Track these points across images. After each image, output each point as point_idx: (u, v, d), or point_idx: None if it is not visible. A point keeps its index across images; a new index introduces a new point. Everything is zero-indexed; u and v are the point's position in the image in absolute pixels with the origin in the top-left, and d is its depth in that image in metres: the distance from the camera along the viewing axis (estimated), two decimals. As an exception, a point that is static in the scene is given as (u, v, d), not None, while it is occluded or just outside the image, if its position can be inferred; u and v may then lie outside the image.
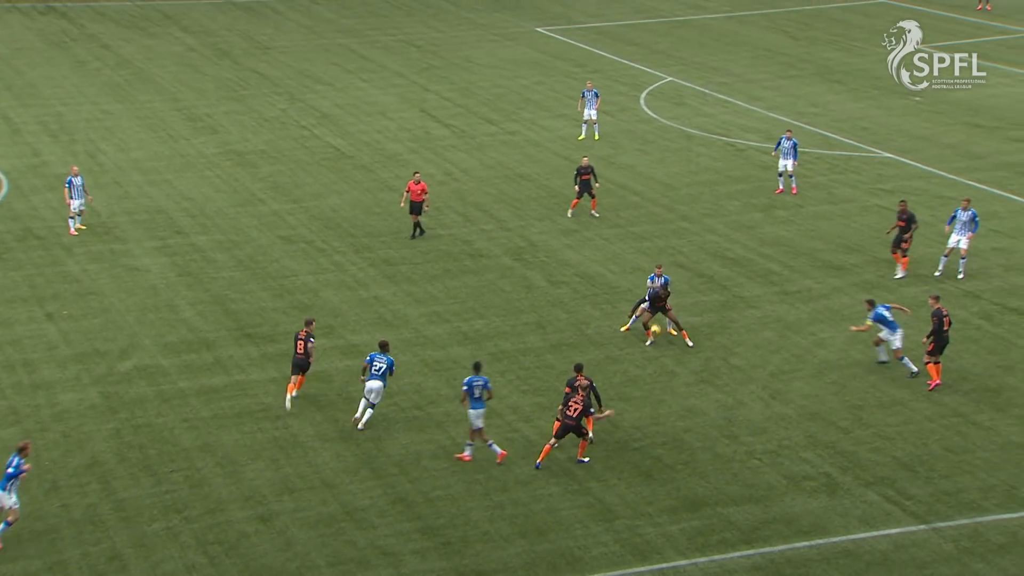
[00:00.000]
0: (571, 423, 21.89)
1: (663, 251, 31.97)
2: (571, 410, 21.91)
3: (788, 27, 58.46)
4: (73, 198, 32.90)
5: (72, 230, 32.97)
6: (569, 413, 21.93)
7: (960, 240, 29.35)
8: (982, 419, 23.44)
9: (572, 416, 21.86)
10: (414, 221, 32.86)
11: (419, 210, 32.69)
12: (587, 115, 41.31)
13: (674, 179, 37.61)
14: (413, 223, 32.91)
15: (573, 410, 21.89)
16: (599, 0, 66.75)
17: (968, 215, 29.26)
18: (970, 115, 42.81)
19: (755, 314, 28.21)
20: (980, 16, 58.46)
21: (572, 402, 21.93)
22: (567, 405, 22.02)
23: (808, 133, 41.34)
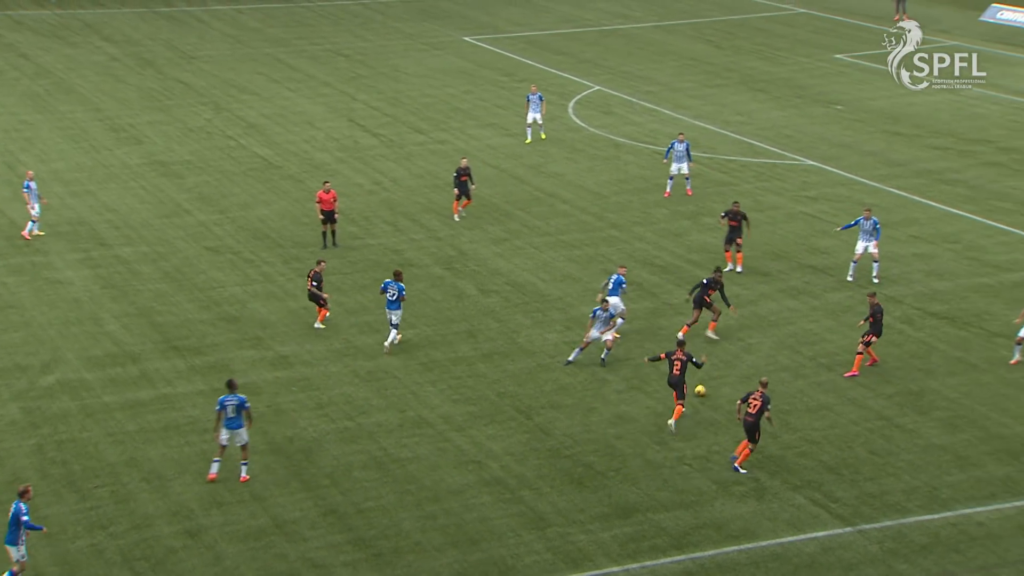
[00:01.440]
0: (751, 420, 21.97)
1: (593, 259, 32.16)
2: (752, 407, 22.02)
3: (713, 37, 59.21)
4: (31, 203, 32.61)
5: (26, 233, 32.62)
6: (750, 411, 22.01)
7: (867, 246, 29.99)
8: (905, 422, 23.89)
9: (752, 414, 21.98)
10: (326, 231, 32.72)
11: (332, 218, 32.60)
12: (531, 118, 41.70)
13: (603, 187, 37.87)
14: (324, 232, 32.75)
15: (753, 407, 22.00)
16: (526, 9, 67.05)
17: (871, 224, 29.96)
18: (890, 123, 43.67)
19: (684, 321, 28.46)
20: (897, 27, 59.66)
21: (752, 399, 22.09)
22: (747, 402, 22.11)
23: (734, 141, 41.88)
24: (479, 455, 23.19)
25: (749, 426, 22.13)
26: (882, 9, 62.52)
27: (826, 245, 32.54)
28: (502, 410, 24.82)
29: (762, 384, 22.44)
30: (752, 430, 22.13)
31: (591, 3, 68.85)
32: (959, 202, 35.46)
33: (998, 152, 40.02)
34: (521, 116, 46.07)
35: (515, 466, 22.81)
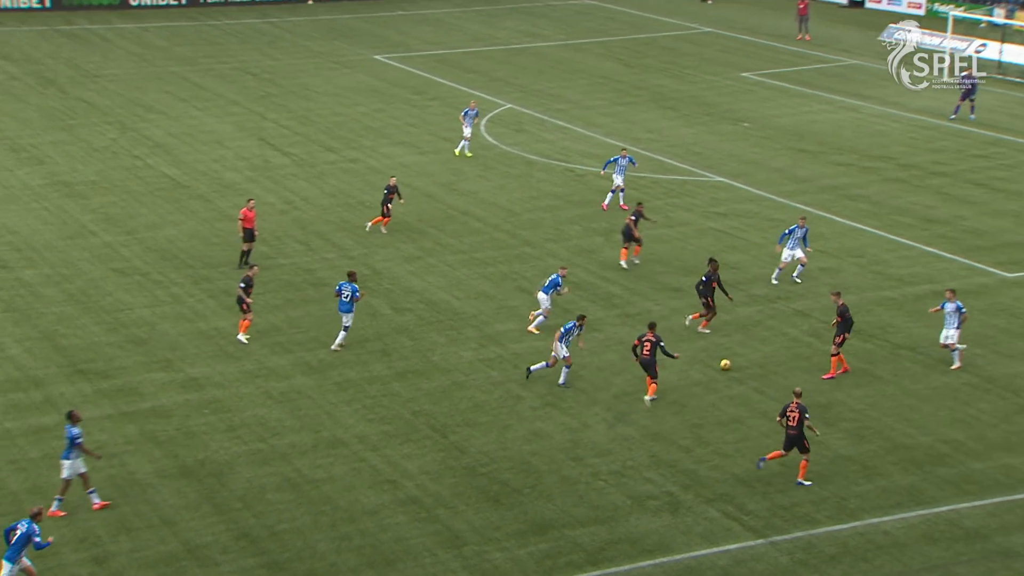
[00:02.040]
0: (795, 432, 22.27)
1: (506, 277, 32.24)
2: (792, 420, 22.30)
3: (622, 55, 59.90)
4: None
5: None
6: (791, 424, 22.30)
7: (794, 253, 31.11)
8: (813, 434, 24.30)
9: (794, 426, 22.27)
10: (248, 249, 32.43)
11: (252, 237, 32.40)
12: (466, 132, 42.34)
13: (516, 205, 38.02)
14: (246, 251, 32.47)
15: (793, 419, 22.29)
16: (437, 28, 67.17)
17: (803, 232, 31.15)
18: (795, 140, 44.56)
19: (598, 337, 28.68)
20: (800, 46, 61.06)
21: (789, 411, 22.35)
22: (785, 416, 22.38)
23: (644, 158, 42.35)
24: (394, 474, 23.06)
25: (794, 439, 22.39)
26: (786, 28, 63.88)
27: (736, 260, 33.05)
28: (417, 429, 24.73)
29: (796, 395, 22.69)
30: (799, 441, 22.37)
31: (501, 22, 69.24)
32: (862, 217, 36.28)
33: (899, 168, 41.07)
34: (433, 134, 46.10)
35: (431, 485, 22.73)
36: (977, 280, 31.16)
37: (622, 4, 74.00)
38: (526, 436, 24.42)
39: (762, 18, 68.21)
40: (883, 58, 57.71)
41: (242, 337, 28.13)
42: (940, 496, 22.09)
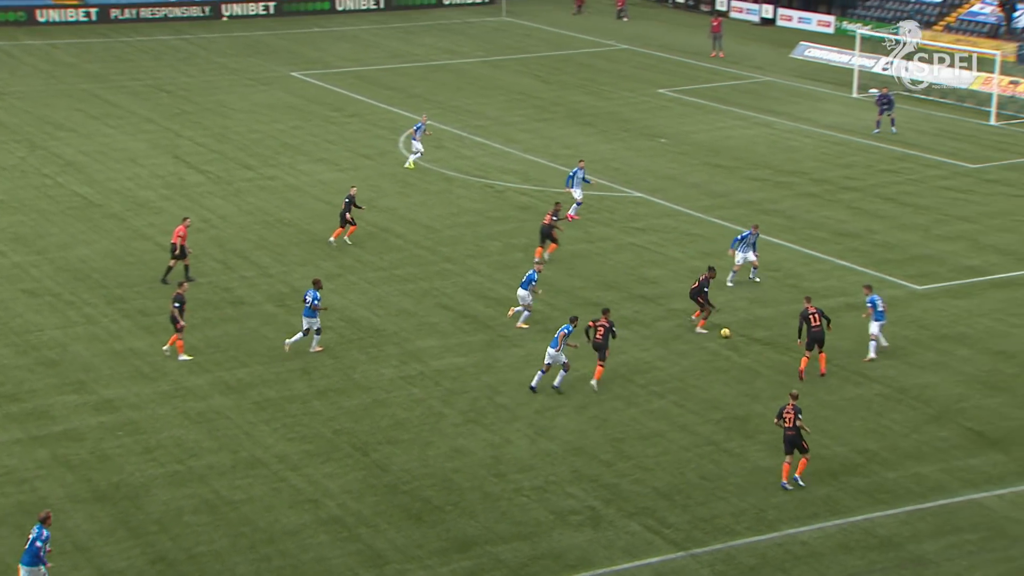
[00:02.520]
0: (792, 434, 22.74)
1: (427, 293, 32.17)
2: (788, 422, 22.76)
3: (539, 72, 60.26)
4: None
5: None
6: (787, 426, 22.77)
7: (747, 256, 32.35)
8: (732, 446, 24.60)
9: (791, 427, 22.75)
10: (172, 265, 32.10)
11: (183, 254, 32.14)
12: (415, 146, 42.71)
13: (436, 221, 37.98)
14: (172, 267, 32.11)
15: (789, 420, 22.75)
16: (354, 45, 66.96)
17: (754, 238, 32.48)
18: (711, 156, 45.16)
19: (519, 352, 28.73)
20: (714, 62, 61.99)
21: (785, 413, 22.81)
22: (782, 418, 22.87)
23: (563, 174, 42.59)
24: (315, 494, 22.83)
25: (792, 439, 22.89)
26: (700, 46, 64.80)
27: (655, 275, 33.36)
28: (338, 447, 24.52)
29: (792, 397, 23.27)
30: (797, 442, 22.85)
31: (419, 39, 69.25)
32: (778, 231, 36.87)
33: (812, 183, 41.82)
34: (352, 151, 45.92)
35: (352, 503, 22.54)
36: (888, 292, 31.82)
37: (539, 21, 74.48)
38: (448, 453, 24.35)
39: (677, 35, 69.13)
40: (795, 75, 58.83)
41: (183, 357, 27.72)
42: (855, 506, 22.47)
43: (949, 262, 34.10)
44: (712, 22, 64.53)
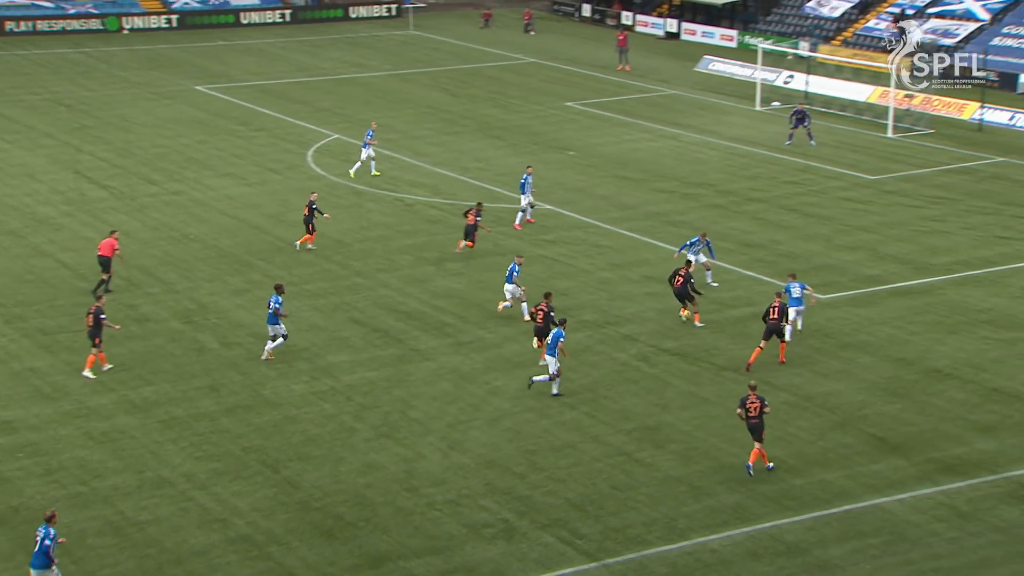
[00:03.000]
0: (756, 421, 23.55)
1: (338, 308, 31.94)
2: (752, 410, 23.54)
3: (448, 85, 60.32)
4: None
5: None
6: (751, 414, 23.53)
7: (697, 259, 33.09)
8: (643, 456, 24.83)
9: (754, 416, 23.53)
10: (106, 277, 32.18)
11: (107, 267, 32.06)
12: (364, 154, 43.06)
13: (346, 235, 37.74)
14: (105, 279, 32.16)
15: (754, 409, 23.52)
16: (260, 59, 66.36)
17: (702, 244, 33.27)
18: (619, 168, 45.60)
19: (431, 366, 28.67)
20: (620, 76, 62.69)
21: (749, 403, 23.57)
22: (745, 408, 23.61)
23: (473, 187, 42.67)
24: (224, 512, 22.48)
25: (755, 427, 23.69)
26: (606, 59, 65.49)
27: (565, 286, 33.54)
28: (248, 465, 24.18)
29: (751, 387, 24.05)
30: (759, 430, 23.64)
31: (326, 52, 68.89)
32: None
33: (718, 195, 42.46)
34: (259, 165, 45.47)
35: (262, 522, 22.24)
36: (793, 301, 32.40)
37: (446, 35, 74.62)
38: (360, 468, 24.17)
39: (584, 49, 69.76)
40: (700, 88, 59.76)
41: (88, 373, 27.38)
42: (763, 513, 22.82)
43: (851, 271, 34.87)
44: (618, 36, 65.27)
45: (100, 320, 27.41)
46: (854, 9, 67.17)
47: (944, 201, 41.40)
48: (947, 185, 43.35)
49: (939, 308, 32.01)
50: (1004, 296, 32.77)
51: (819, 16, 68.08)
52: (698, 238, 33.49)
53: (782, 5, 70.93)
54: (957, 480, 23.72)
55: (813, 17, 68.14)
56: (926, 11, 64.10)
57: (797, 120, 48.22)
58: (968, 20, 62.40)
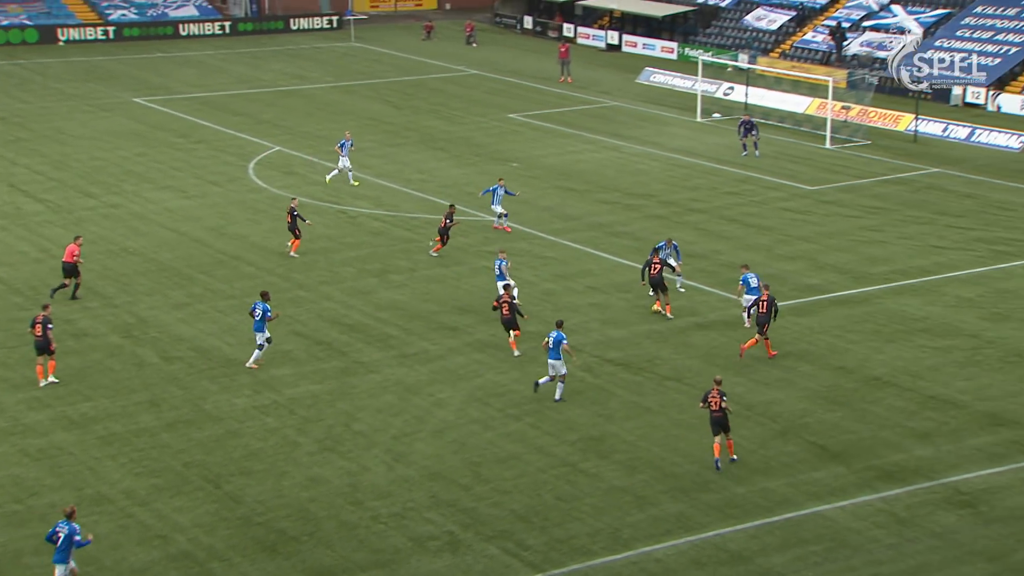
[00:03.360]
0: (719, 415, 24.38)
1: (280, 320, 31.71)
2: (714, 405, 24.39)
3: (391, 97, 60.23)
4: None
5: None
6: (713, 409, 24.38)
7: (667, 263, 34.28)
8: (588, 467, 24.90)
9: (716, 410, 24.37)
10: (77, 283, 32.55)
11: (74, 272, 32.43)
12: (341, 164, 43.12)
13: (288, 248, 37.48)
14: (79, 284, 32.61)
15: (715, 404, 24.36)
16: (200, 70, 65.84)
17: (672, 248, 34.05)
18: (562, 179, 45.77)
19: (375, 379, 28.56)
20: (563, 88, 63.01)
21: (711, 397, 24.41)
22: (707, 402, 24.46)
23: (416, 199, 42.61)
24: (165, 529, 22.20)
25: (719, 421, 24.48)
26: (549, 71, 65.78)
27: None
28: (189, 480, 23.91)
29: (716, 382, 24.78)
30: (723, 423, 24.43)
31: (267, 64, 68.51)
32: (628, 253, 37.58)
33: (660, 205, 42.78)
34: (200, 178, 45.10)
35: (204, 538, 21.99)
36: (734, 312, 32.73)
37: (388, 47, 74.54)
38: (303, 482, 23.99)
39: (526, 61, 70.01)
40: (641, 99, 60.21)
41: (51, 378, 27.30)
42: (707, 522, 22.97)
43: (791, 281, 35.27)
44: (560, 48, 65.60)
45: (48, 330, 27.27)
46: (791, 22, 68.07)
47: (881, 211, 42.05)
48: (884, 195, 44.04)
49: (877, 317, 32.48)
50: (939, 305, 33.33)
51: (757, 29, 68.92)
52: (664, 243, 34.01)
53: (721, 18, 71.71)
54: (896, 487, 24.06)
55: (752, 30, 68.97)
56: (861, 24, 65.12)
57: (745, 130, 48.72)
58: (902, 33, 63.48)
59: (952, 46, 60.28)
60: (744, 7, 71.16)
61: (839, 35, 63.66)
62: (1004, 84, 57.67)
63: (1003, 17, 59.87)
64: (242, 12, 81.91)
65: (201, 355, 29.55)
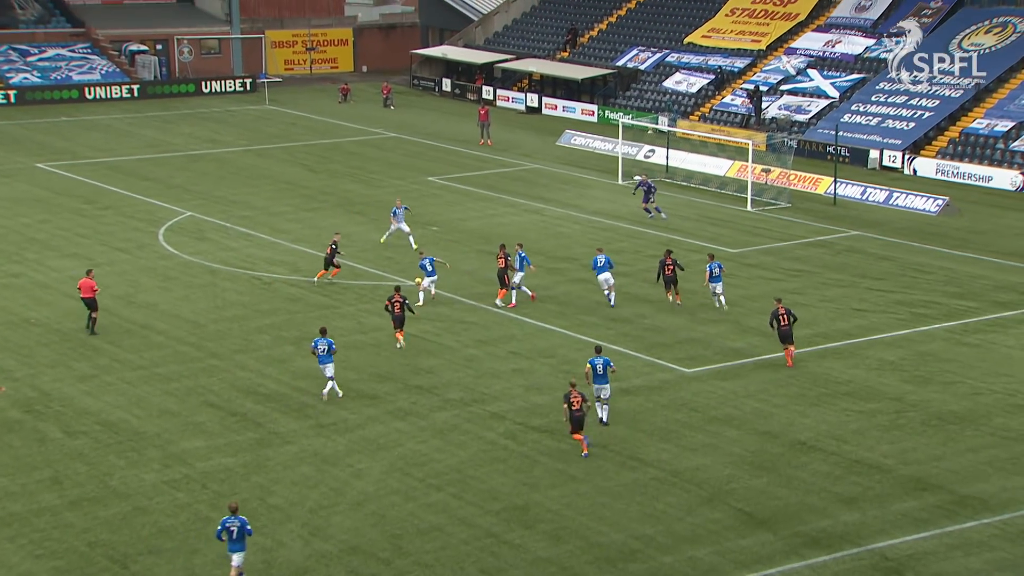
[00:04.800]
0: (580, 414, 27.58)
1: (192, 391, 31.28)
2: (575, 404, 27.52)
3: (307, 160, 60.24)
4: None
5: None
6: (575, 408, 27.49)
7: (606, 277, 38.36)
8: (512, 537, 24.80)
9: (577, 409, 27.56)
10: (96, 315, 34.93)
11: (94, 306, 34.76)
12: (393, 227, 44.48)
13: (200, 316, 37.11)
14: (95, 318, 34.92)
15: (577, 403, 27.51)
16: (107, 135, 65.34)
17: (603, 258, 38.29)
18: (483, 243, 45.96)
19: (292, 450, 28.24)
20: (482, 150, 63.62)
21: (573, 398, 27.54)
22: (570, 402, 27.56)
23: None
24: (70, 615, 21.60)
25: (578, 419, 27.68)
26: (468, 133, 66.39)
27: (431, 364, 33.53)
28: (94, 562, 23.33)
29: (572, 385, 28.09)
30: (581, 421, 27.69)
31: (177, 128, 68.20)
32: (551, 318, 37.79)
33: (582, 269, 43.12)
34: (107, 244, 44.55)
35: (112, 623, 21.43)
36: (659, 376, 33.04)
37: (303, 109, 74.69)
38: (216, 560, 23.54)
39: (445, 123, 70.60)
40: (562, 162, 60.97)
41: None
42: (636, 590, 22.95)
43: (715, 344, 35.73)
44: (479, 111, 66.27)
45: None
46: (710, 86, 69.66)
47: (803, 274, 42.90)
48: (805, 258, 44.96)
49: (801, 380, 33.01)
50: (862, 368, 33.99)
51: (677, 92, 70.38)
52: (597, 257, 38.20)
53: (641, 81, 73.15)
54: (823, 553, 24.31)
55: (671, 93, 70.41)
56: (779, 88, 66.86)
57: (645, 193, 49.37)
58: (819, 97, 65.31)
59: (868, 111, 62.14)
60: (663, 71, 72.69)
61: (757, 98, 65.25)
62: (919, 148, 59.50)
63: (916, 82, 61.88)
64: (151, 75, 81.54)
65: (107, 429, 28.99)
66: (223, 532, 22.64)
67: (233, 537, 22.62)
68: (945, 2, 64.66)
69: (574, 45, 79.24)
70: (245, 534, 22.69)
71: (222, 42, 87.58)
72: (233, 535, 22.60)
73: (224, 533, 22.64)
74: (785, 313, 33.31)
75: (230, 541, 22.63)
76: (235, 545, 22.63)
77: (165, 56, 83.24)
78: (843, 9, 69.61)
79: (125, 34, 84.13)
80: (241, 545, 22.65)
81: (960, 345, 35.79)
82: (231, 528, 22.62)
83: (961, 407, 31.16)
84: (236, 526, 22.63)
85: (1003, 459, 28.24)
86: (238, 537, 22.62)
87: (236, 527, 22.63)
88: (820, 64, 67.24)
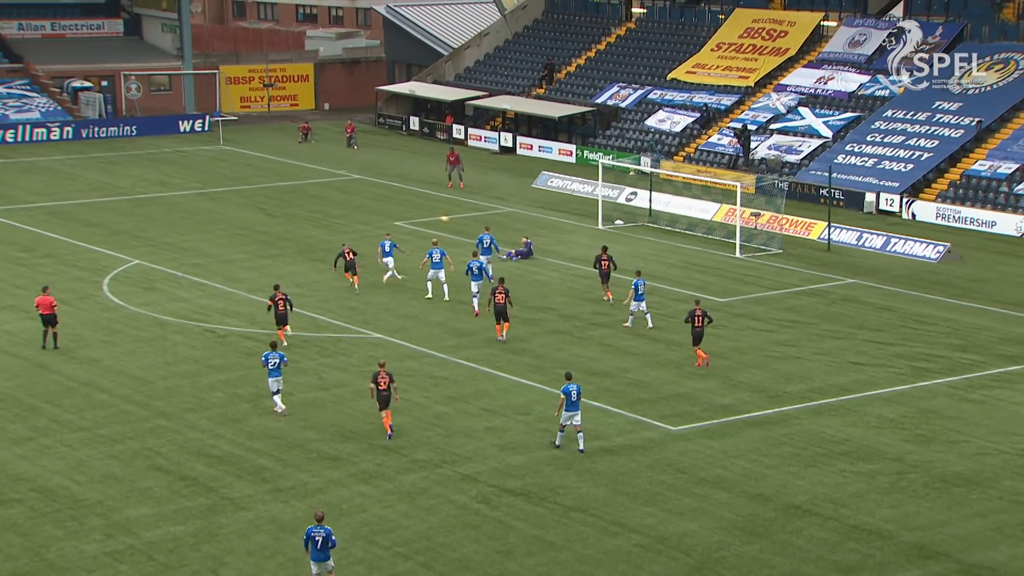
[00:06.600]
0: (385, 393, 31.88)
1: (138, 454, 31.08)
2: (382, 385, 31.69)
3: (265, 204, 60.32)
4: None
5: None
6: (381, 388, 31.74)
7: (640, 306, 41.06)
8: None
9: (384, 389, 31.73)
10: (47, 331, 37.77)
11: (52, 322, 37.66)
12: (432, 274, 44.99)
13: (148, 372, 36.95)
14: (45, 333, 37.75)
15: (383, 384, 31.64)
16: (47, 177, 65.32)
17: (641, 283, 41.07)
18: (453, 291, 46.00)
19: (246, 517, 28.05)
20: (452, 192, 63.88)
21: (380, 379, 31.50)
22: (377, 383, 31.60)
23: (294, 315, 42.45)
24: None
25: (384, 398, 31.64)
26: (436, 175, 66.67)
27: (398, 423, 33.43)
28: (31, 641, 23.04)
29: (381, 365, 31.93)
30: (388, 400, 31.71)
31: (124, 170, 68.26)
32: (527, 372, 37.83)
33: (561, 319, 43.28)
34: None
35: None
36: (643, 435, 33.07)
37: (261, 150, 74.91)
38: (164, 639, 23.30)
39: (413, 164, 70.93)
40: (538, 205, 61.26)
41: None
42: (620, 667, 22.83)
43: (703, 401, 35.82)
44: (448, 156, 66.20)
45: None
46: (695, 124, 70.29)
47: (796, 325, 43.12)
48: (798, 308, 45.22)
49: (795, 439, 33.10)
50: (860, 426, 34.13)
51: (660, 131, 70.98)
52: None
53: (622, 119, 73.75)
54: (822, 623, 24.28)
55: (654, 132, 70.99)
56: (769, 127, 67.56)
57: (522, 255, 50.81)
58: (811, 136, 66.01)
59: (863, 151, 62.81)
60: (646, 108, 73.35)
61: (745, 138, 65.87)
62: (918, 191, 60.12)
63: (914, 122, 62.72)
64: (95, 113, 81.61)
65: (44, 496, 28.73)
66: (308, 541, 24.46)
67: (318, 547, 24.37)
68: (943, 37, 65.70)
69: (550, 81, 79.90)
70: (330, 544, 24.45)
71: (173, 78, 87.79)
72: (318, 544, 24.34)
73: (309, 543, 24.43)
74: (702, 315, 36.65)
75: (314, 550, 24.37)
76: (319, 554, 24.41)
77: (111, 93, 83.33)
78: (836, 44, 70.50)
79: (67, 70, 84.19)
80: (325, 555, 24.42)
81: (964, 401, 36.01)
82: (316, 537, 24.36)
83: (966, 468, 31.30)
84: (321, 535, 24.31)
85: (1012, 524, 28.34)
86: (322, 547, 24.36)
87: (321, 536, 24.31)
88: (812, 102, 68.03)
